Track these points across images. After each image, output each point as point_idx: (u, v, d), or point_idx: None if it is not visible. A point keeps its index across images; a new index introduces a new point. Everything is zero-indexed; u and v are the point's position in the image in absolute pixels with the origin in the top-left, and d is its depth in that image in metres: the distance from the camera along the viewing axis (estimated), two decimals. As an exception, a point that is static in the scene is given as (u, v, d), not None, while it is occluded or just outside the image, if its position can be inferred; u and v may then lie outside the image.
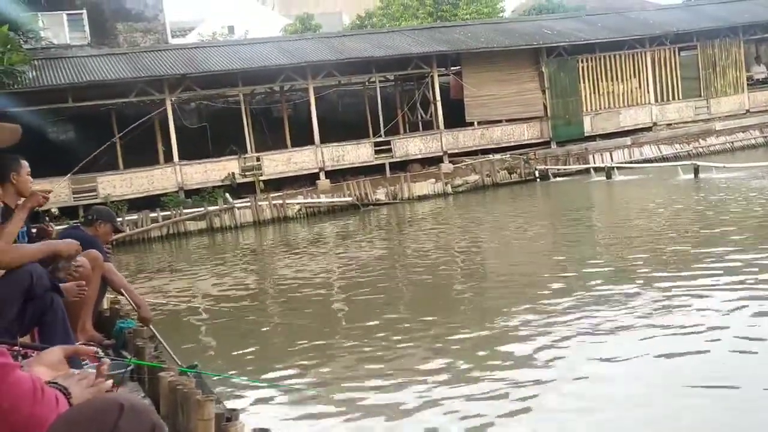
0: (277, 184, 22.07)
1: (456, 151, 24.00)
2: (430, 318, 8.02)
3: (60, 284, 4.41)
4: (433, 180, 22.48)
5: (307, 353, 7.21)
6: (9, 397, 1.63)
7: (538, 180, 22.87)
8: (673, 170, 19.52)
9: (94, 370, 2.08)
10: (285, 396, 6.02)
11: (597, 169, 22.32)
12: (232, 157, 22.03)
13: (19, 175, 4.46)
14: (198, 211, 19.93)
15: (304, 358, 6.96)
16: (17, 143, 2.31)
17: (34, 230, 4.81)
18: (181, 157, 21.20)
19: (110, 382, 2.12)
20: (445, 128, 23.96)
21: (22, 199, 4.54)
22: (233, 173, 21.57)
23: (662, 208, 14.70)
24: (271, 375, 6.55)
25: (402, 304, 9.30)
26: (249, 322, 8.98)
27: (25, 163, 4.52)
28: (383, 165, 23.02)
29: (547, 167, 23.31)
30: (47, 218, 4.94)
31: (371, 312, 8.64)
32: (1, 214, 4.14)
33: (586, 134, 25.35)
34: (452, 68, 25.55)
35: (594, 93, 25.86)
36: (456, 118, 24.32)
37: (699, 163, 19.28)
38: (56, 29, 24.94)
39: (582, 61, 25.72)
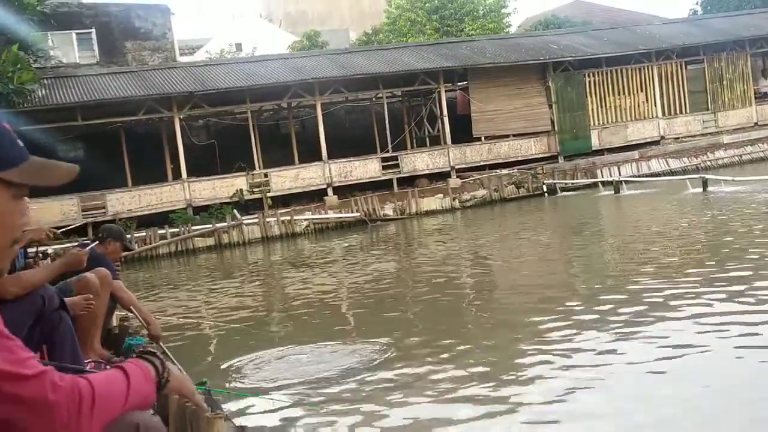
0: (285, 201, 22.13)
1: (463, 166, 24.02)
2: (442, 333, 7.98)
3: (66, 299, 4.42)
4: (441, 195, 22.48)
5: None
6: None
7: (546, 194, 22.84)
8: (682, 184, 19.45)
9: None
10: (295, 413, 5.98)
11: (605, 183, 22.29)
12: (240, 173, 22.11)
13: None
14: (206, 228, 19.98)
15: (315, 375, 6.92)
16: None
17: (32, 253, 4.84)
18: (189, 174, 21.29)
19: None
20: (452, 143, 24.00)
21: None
22: (241, 190, 21.63)
23: (672, 223, 14.63)
24: (281, 391, 6.52)
25: (413, 319, 9.26)
26: (258, 338, 8.95)
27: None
28: (391, 180, 23.06)
29: (554, 181, 23.29)
30: (40, 255, 4.96)
31: (381, 328, 8.60)
32: None
33: (593, 148, 25.37)
34: (459, 83, 25.65)
35: (601, 107, 25.89)
36: (463, 133, 24.37)
37: (707, 176, 19.20)
38: (65, 48, 25.18)
39: (589, 76, 25.76)
